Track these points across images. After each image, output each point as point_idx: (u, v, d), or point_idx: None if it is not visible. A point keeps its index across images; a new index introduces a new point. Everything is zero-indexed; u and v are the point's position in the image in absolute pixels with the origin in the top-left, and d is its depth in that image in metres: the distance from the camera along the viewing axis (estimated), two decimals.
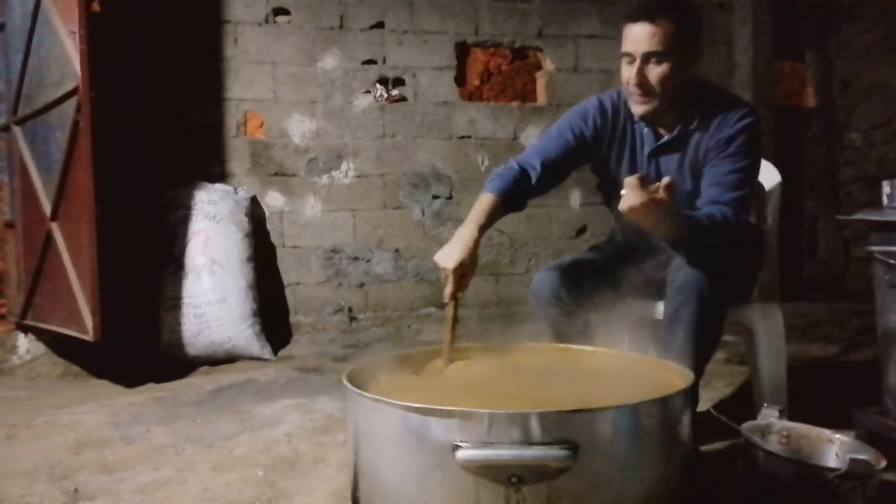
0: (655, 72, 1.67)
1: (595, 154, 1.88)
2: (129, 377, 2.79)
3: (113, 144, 2.90)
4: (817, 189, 4.49)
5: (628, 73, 1.70)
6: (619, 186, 1.66)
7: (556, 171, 1.84)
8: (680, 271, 1.63)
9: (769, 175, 2.11)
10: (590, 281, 1.86)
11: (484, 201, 1.77)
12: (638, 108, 1.74)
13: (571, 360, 1.67)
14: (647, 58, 1.66)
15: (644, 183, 1.41)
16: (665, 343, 1.65)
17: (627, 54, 1.70)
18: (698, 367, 1.66)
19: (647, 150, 1.81)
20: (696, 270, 1.59)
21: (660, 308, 1.81)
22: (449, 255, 1.60)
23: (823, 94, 4.51)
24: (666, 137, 1.78)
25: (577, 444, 1.07)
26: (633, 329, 2.03)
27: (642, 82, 1.68)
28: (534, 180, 1.81)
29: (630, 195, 1.41)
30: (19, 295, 3.14)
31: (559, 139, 1.85)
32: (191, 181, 3.36)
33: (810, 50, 4.52)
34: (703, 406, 1.90)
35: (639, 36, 1.66)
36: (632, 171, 1.81)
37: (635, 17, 1.68)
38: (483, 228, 1.69)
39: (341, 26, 3.69)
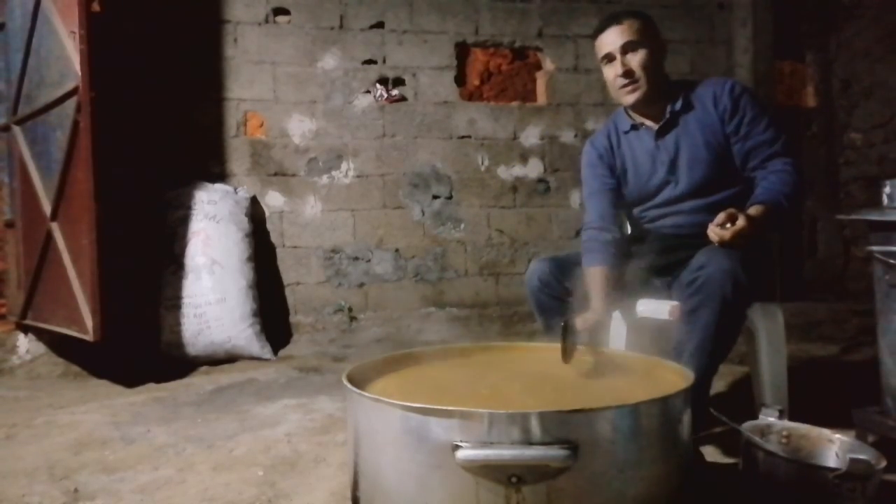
0: (635, 59, 1.83)
1: (615, 175, 2.05)
2: (129, 377, 2.79)
3: (113, 144, 2.90)
4: (817, 189, 4.48)
5: (613, 70, 1.87)
6: (639, 188, 1.95)
7: (618, 214, 2.02)
8: (704, 269, 1.63)
9: None
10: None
11: (597, 276, 1.88)
12: (629, 98, 1.88)
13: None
14: (625, 50, 1.83)
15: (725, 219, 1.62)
16: (681, 341, 1.65)
17: (606, 56, 1.87)
18: (713, 367, 1.67)
19: (650, 143, 1.93)
20: (721, 269, 1.60)
21: (663, 307, 1.80)
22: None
23: (823, 94, 4.51)
24: (662, 121, 1.91)
25: (577, 444, 1.07)
26: (633, 329, 2.03)
27: (627, 71, 1.84)
28: (616, 234, 1.97)
29: (713, 237, 1.62)
30: (19, 295, 3.14)
31: (598, 193, 2.02)
32: (191, 181, 3.36)
33: (810, 50, 4.52)
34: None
35: (612, 37, 1.85)
36: (641, 168, 1.96)
37: (603, 27, 1.88)
38: (608, 298, 1.82)
39: (341, 26, 3.69)
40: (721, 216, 1.62)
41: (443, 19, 3.82)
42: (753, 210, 1.68)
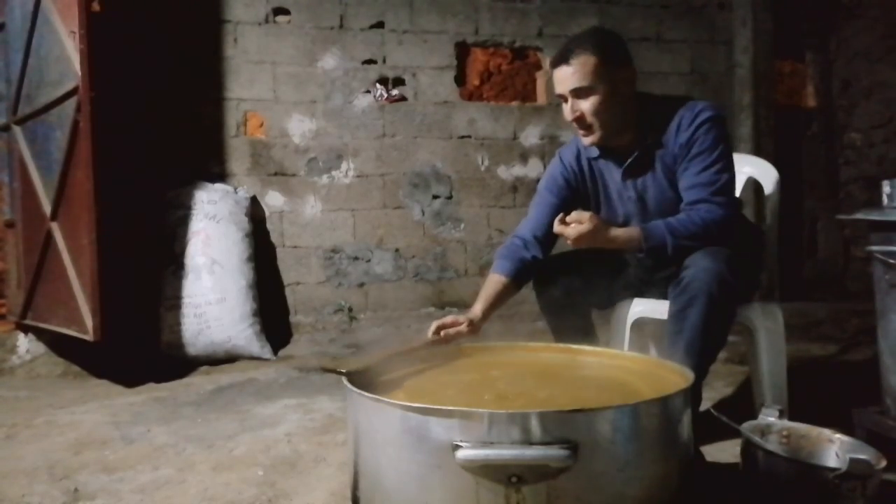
0: (586, 105, 1.74)
1: (582, 201, 1.96)
2: (129, 377, 2.79)
3: (113, 144, 2.90)
4: (817, 189, 4.48)
5: (566, 110, 1.79)
6: (610, 216, 1.88)
7: (549, 236, 1.88)
8: (689, 269, 1.63)
9: (769, 175, 2.11)
10: (593, 274, 1.87)
11: (494, 283, 1.86)
12: (585, 141, 1.82)
13: (571, 359, 1.68)
14: (575, 94, 1.74)
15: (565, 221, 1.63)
16: (671, 341, 1.65)
17: (560, 96, 1.78)
18: (703, 367, 1.66)
19: (617, 175, 1.87)
20: (706, 269, 1.59)
21: (663, 307, 1.81)
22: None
23: (823, 94, 4.51)
24: (629, 160, 1.83)
25: (577, 443, 1.07)
26: (633, 329, 2.03)
27: (578, 118, 1.76)
28: (539, 254, 1.89)
29: (566, 234, 1.62)
30: (19, 295, 3.14)
31: (545, 207, 1.93)
32: (191, 181, 3.36)
33: (810, 50, 4.52)
34: (703, 406, 1.90)
35: (562, 78, 1.74)
36: (610, 199, 1.91)
37: (554, 63, 1.77)
38: (491, 309, 1.82)
39: (341, 26, 3.69)
40: (573, 215, 1.63)
41: (443, 19, 3.82)
42: (624, 229, 1.69)
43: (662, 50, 4.11)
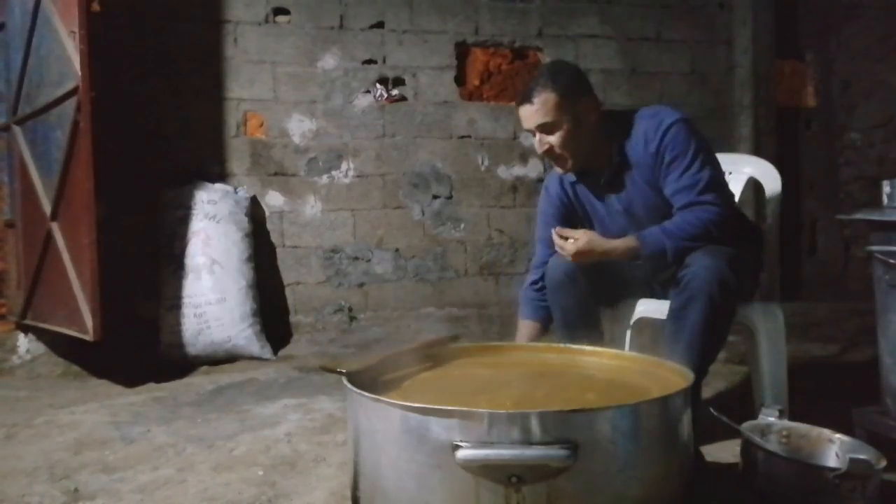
0: (553, 139, 1.82)
1: (577, 224, 2.03)
2: (129, 377, 2.79)
3: (113, 144, 2.90)
4: (817, 189, 4.48)
5: (535, 146, 1.88)
6: (603, 232, 1.92)
7: None
8: (689, 268, 1.64)
9: (770, 175, 2.11)
10: (600, 271, 1.87)
11: (527, 329, 2.04)
12: (560, 170, 1.93)
13: (571, 359, 1.68)
14: (542, 130, 1.82)
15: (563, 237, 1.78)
16: (671, 340, 1.65)
17: (529, 131, 1.87)
18: (703, 367, 1.67)
19: (600, 195, 1.94)
20: (706, 268, 1.60)
21: (664, 307, 1.81)
22: None
23: (823, 94, 4.51)
24: (601, 181, 1.90)
25: (577, 443, 1.07)
26: (634, 329, 2.03)
27: (547, 150, 1.85)
28: None
29: (566, 249, 1.76)
30: (19, 295, 3.14)
31: (544, 244, 2.05)
32: (191, 181, 3.36)
33: (810, 50, 4.52)
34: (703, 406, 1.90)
35: (526, 116, 1.83)
36: (599, 216, 1.97)
37: (518, 103, 1.86)
38: None
39: (341, 26, 3.69)
40: (569, 231, 1.75)
41: (443, 19, 3.82)
42: (621, 240, 1.76)
43: (662, 50, 4.10)
